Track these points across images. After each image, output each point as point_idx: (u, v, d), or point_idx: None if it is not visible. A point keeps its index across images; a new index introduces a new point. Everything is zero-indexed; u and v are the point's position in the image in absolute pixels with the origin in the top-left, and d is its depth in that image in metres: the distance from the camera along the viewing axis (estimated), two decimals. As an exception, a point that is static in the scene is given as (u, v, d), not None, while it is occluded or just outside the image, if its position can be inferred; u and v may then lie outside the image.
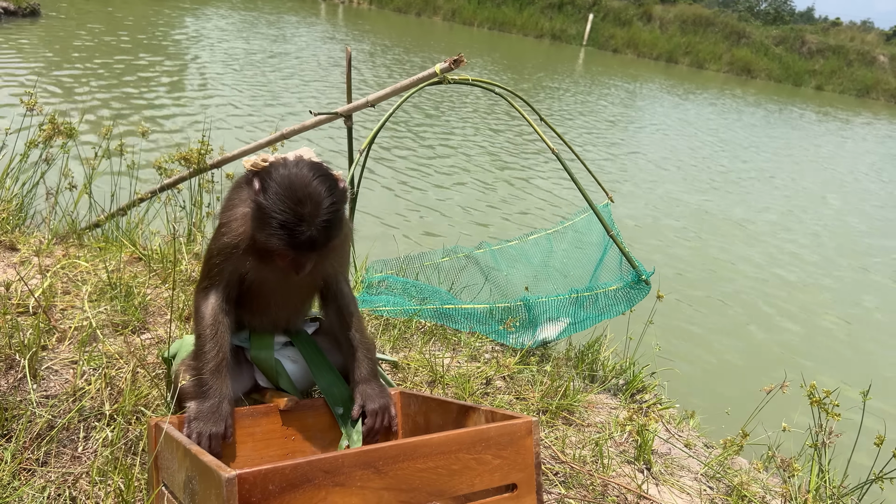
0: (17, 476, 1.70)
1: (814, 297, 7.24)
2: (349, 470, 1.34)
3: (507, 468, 1.54)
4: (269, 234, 1.66)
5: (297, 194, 1.64)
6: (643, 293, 3.17)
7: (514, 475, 1.55)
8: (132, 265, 2.90)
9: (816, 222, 10.08)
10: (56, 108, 7.38)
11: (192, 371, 1.78)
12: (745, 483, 2.38)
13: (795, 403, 2.76)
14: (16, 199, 3.41)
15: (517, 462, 1.55)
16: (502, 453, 1.53)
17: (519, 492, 1.56)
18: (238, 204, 1.81)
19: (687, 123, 16.36)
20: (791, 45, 34.75)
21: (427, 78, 3.19)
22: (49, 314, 2.24)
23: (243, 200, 1.80)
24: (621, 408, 2.79)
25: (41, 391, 1.95)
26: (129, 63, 10.97)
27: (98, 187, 3.71)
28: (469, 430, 1.51)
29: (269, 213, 1.64)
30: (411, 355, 2.67)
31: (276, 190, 1.64)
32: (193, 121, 8.35)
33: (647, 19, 34.22)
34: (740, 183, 11.49)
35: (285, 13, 22.30)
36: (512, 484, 1.55)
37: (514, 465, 1.55)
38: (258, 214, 1.68)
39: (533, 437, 1.57)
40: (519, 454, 1.56)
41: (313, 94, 11.38)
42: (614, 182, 9.51)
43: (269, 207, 1.64)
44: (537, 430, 1.59)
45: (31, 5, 13.27)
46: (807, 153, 15.64)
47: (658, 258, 7.14)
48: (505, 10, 31.51)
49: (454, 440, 1.48)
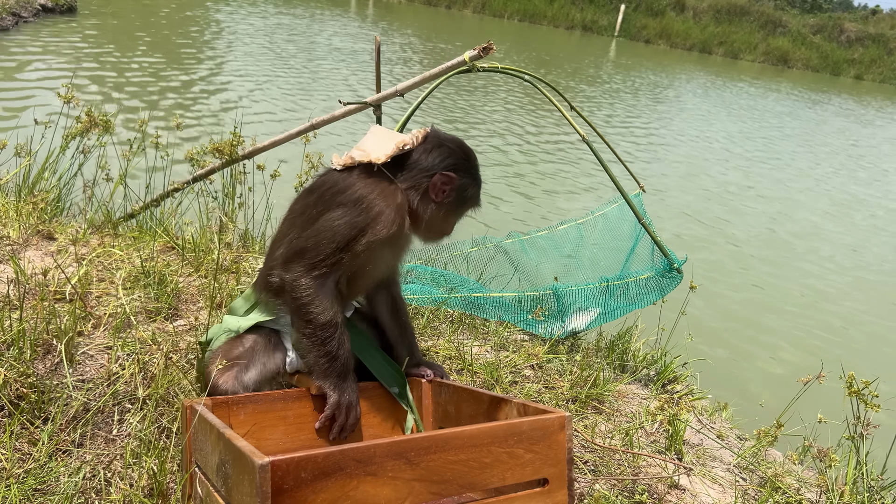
0: (53, 457, 1.74)
1: (857, 289, 7.08)
2: (381, 460, 1.34)
3: (538, 463, 1.52)
4: (465, 203, 1.93)
5: (475, 162, 1.96)
6: (675, 282, 3.13)
7: (546, 470, 1.53)
8: (165, 254, 2.94)
9: (866, 216, 9.85)
10: (93, 101, 7.52)
11: (319, 355, 1.80)
12: (779, 475, 2.33)
13: (833, 397, 2.70)
14: (54, 190, 3.48)
15: (549, 457, 1.54)
16: (535, 448, 1.52)
17: (550, 487, 1.54)
18: (385, 197, 1.81)
19: (722, 111, 16.10)
20: (829, 34, 33.95)
21: (456, 66, 3.18)
22: (85, 301, 2.28)
23: (391, 194, 1.82)
24: (652, 398, 2.75)
25: (77, 375, 1.99)
26: (165, 56, 11.13)
27: (133, 178, 3.77)
28: (501, 424, 1.50)
29: (469, 185, 1.90)
30: (440, 343, 2.67)
31: (464, 164, 1.90)
32: (226, 112, 8.45)
33: (680, 9, 33.68)
34: (782, 174, 11.27)
35: (316, 8, 22.42)
36: (543, 479, 1.54)
37: (547, 460, 1.53)
38: (457, 191, 1.88)
39: (566, 433, 1.55)
40: (551, 449, 1.54)
41: (343, 86, 11.43)
42: (646, 171, 9.40)
43: (468, 179, 1.91)
44: (570, 426, 1.57)
45: (69, 2, 13.52)
46: (848, 145, 15.29)
47: (691, 247, 7.04)
48: (535, 2, 31.27)
49: (486, 433, 1.47)
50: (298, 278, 1.78)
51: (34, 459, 1.70)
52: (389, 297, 2.08)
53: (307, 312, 1.78)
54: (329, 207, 1.80)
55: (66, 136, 3.49)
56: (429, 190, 1.85)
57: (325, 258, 1.78)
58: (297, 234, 1.85)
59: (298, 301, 1.79)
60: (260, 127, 7.88)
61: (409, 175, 1.85)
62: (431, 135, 1.91)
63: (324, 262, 1.78)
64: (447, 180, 1.85)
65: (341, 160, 1.88)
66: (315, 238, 1.79)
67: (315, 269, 1.78)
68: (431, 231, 1.95)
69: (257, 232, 3.48)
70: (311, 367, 1.83)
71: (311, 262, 1.78)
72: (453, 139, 1.96)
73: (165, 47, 12.03)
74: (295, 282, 1.79)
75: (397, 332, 2.07)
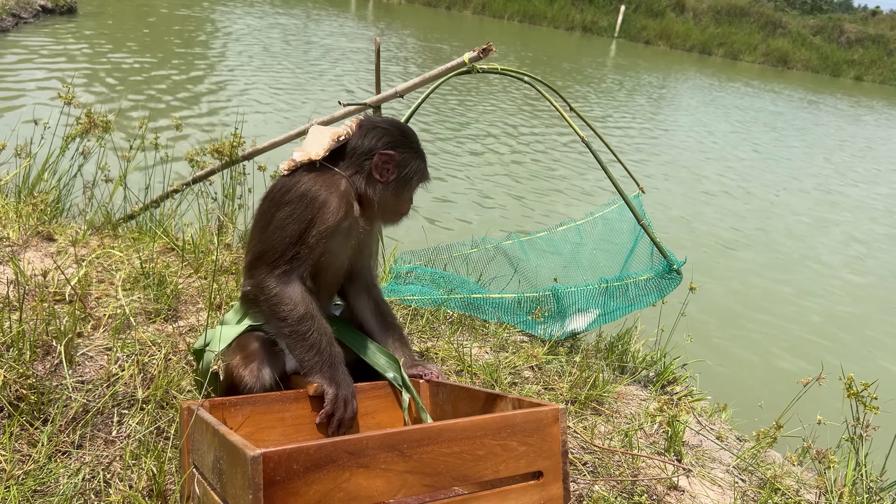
0: (53, 458, 1.74)
1: (857, 290, 7.08)
2: (374, 452, 1.34)
3: (533, 455, 1.53)
4: (411, 177, 1.95)
5: (413, 137, 1.98)
6: (674, 283, 3.13)
7: (540, 462, 1.54)
8: (165, 255, 2.94)
9: (864, 217, 9.86)
10: (93, 102, 7.52)
11: (304, 350, 1.83)
12: (778, 476, 2.34)
13: (834, 399, 2.70)
14: (54, 191, 3.48)
15: (543, 449, 1.54)
16: (528, 440, 1.52)
17: (545, 479, 1.54)
18: (328, 187, 1.86)
19: (721, 113, 16.10)
20: (829, 35, 33.96)
21: (456, 67, 3.18)
22: (84, 302, 2.28)
23: (333, 183, 1.87)
24: (652, 399, 2.76)
25: (76, 376, 1.99)
26: (164, 57, 11.13)
27: (133, 179, 3.77)
28: (494, 416, 1.50)
29: (410, 159, 1.93)
30: (439, 345, 2.67)
31: (402, 141, 1.93)
32: (226, 114, 8.45)
33: (679, 10, 33.70)
34: (778, 174, 11.28)
35: (315, 9, 22.43)
36: (538, 471, 1.54)
37: (541, 453, 1.54)
38: (399, 167, 1.91)
39: (560, 425, 1.56)
40: (545, 441, 1.54)
41: (342, 87, 11.43)
42: (646, 172, 9.40)
43: (409, 153, 1.94)
44: (564, 418, 1.57)
45: (69, 3, 13.52)
46: (840, 142, 15.29)
47: (691, 250, 7.05)
48: (535, 3, 31.28)
49: (479, 425, 1.47)
50: (263, 280, 1.84)
51: (34, 461, 1.70)
52: (371, 300, 2.12)
53: (279, 311, 1.82)
54: (278, 208, 1.85)
55: (66, 137, 3.49)
56: (371, 172, 1.90)
57: (282, 255, 1.82)
58: (256, 240, 1.92)
59: (269, 302, 1.83)
60: (261, 128, 7.88)
61: (350, 163, 1.91)
62: (365, 122, 1.95)
63: (281, 260, 1.82)
64: (387, 158, 1.90)
65: (285, 164, 1.93)
66: (269, 239, 1.85)
67: (276, 269, 1.83)
68: (386, 212, 1.98)
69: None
70: (302, 365, 1.86)
71: (270, 263, 1.83)
72: (387, 119, 2.01)
73: (165, 48, 12.04)
74: (260, 285, 1.84)
75: (385, 334, 2.08)
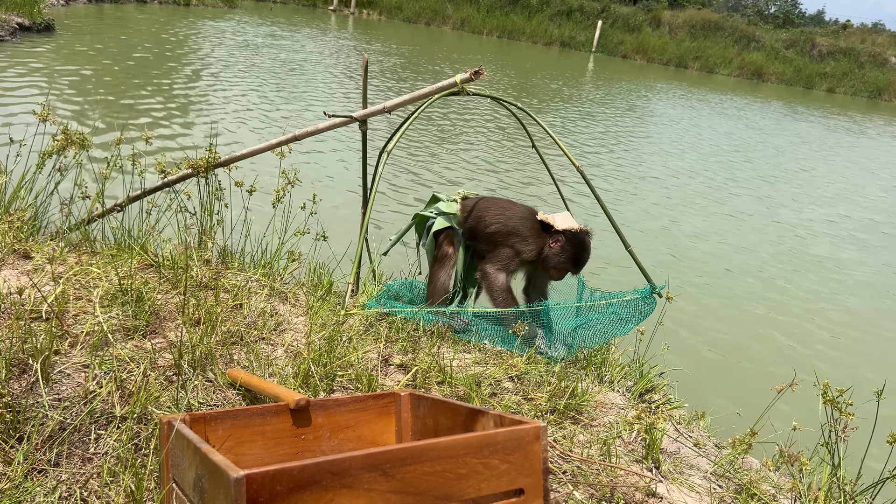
0: (29, 476, 1.72)
1: (836, 298, 7.18)
2: (356, 472, 1.35)
3: (514, 473, 1.53)
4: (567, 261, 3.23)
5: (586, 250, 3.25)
6: (652, 307, 3.19)
7: (522, 480, 1.55)
8: (143, 271, 2.93)
9: (834, 224, 10.02)
10: (70, 119, 7.47)
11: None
12: (754, 482, 2.36)
13: (811, 407, 2.74)
14: (30, 208, 3.46)
15: (525, 467, 1.55)
16: (510, 458, 1.53)
17: (526, 497, 1.55)
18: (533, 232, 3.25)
19: (696, 128, 16.32)
20: (802, 49, 34.62)
21: (446, 88, 3.21)
22: (61, 319, 2.27)
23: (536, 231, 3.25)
24: (630, 407, 2.78)
25: (53, 394, 1.98)
26: (142, 74, 11.09)
27: (110, 196, 3.75)
28: (477, 435, 1.51)
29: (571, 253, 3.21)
30: (419, 357, 2.68)
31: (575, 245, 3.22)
32: (205, 126, 8.43)
33: (656, 24, 34.20)
34: (754, 185, 11.44)
35: (296, 24, 22.48)
36: (519, 489, 1.55)
37: (522, 471, 1.54)
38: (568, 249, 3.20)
39: (541, 443, 1.57)
40: (526, 459, 1.55)
41: (325, 102, 11.45)
42: (623, 187, 9.49)
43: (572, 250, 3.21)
44: (545, 436, 1.58)
45: (46, 20, 13.46)
46: (814, 153, 15.54)
47: (668, 260, 7.12)
48: (514, 19, 31.61)
49: (462, 444, 1.48)
50: (487, 272, 3.24)
51: (9, 479, 1.69)
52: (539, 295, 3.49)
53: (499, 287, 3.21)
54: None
55: (43, 155, 3.48)
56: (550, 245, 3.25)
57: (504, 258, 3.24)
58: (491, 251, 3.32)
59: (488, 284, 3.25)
60: (238, 138, 7.86)
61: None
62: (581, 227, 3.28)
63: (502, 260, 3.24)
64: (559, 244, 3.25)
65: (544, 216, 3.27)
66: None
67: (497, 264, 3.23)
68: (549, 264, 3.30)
69: (236, 248, 3.48)
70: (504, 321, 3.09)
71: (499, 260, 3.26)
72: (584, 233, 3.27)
73: (143, 64, 12.00)
74: (486, 273, 3.25)
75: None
